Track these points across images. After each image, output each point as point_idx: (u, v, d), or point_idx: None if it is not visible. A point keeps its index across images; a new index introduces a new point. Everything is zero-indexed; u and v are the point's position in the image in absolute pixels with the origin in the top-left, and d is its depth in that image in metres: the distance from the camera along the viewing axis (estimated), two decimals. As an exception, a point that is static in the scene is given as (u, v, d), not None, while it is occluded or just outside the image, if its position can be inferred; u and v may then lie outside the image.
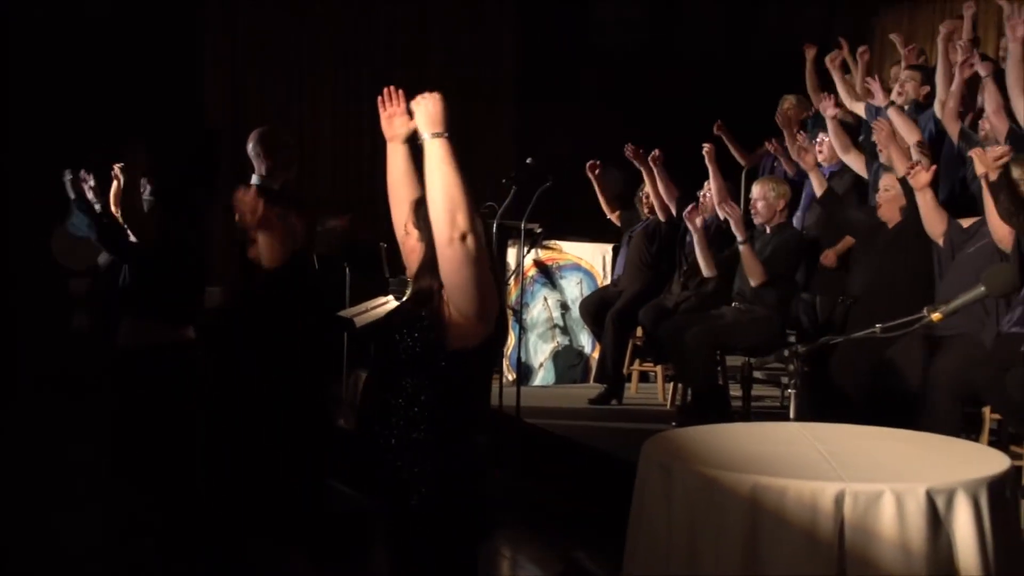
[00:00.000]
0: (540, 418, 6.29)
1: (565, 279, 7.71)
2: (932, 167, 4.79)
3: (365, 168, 10.12)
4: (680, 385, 6.46)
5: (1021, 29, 5.03)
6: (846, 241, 5.89)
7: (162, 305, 4.50)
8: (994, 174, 4.43)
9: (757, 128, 7.72)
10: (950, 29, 6.22)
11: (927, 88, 6.42)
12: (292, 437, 3.50)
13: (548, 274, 7.66)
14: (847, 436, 2.93)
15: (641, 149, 6.96)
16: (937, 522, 2.26)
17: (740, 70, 10.50)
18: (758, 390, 6.49)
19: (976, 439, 4.43)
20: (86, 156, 5.49)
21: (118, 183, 5.49)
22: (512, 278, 7.00)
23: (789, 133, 6.88)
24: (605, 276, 7.70)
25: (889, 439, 2.94)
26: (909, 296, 4.84)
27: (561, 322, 7.68)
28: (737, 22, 11.21)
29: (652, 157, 6.89)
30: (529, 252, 6.99)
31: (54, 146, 8.28)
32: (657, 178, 6.88)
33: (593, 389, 7.09)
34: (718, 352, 5.86)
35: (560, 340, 7.69)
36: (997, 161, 4.43)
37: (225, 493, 3.31)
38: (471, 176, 2.45)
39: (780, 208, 5.90)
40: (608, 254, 7.77)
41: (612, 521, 2.91)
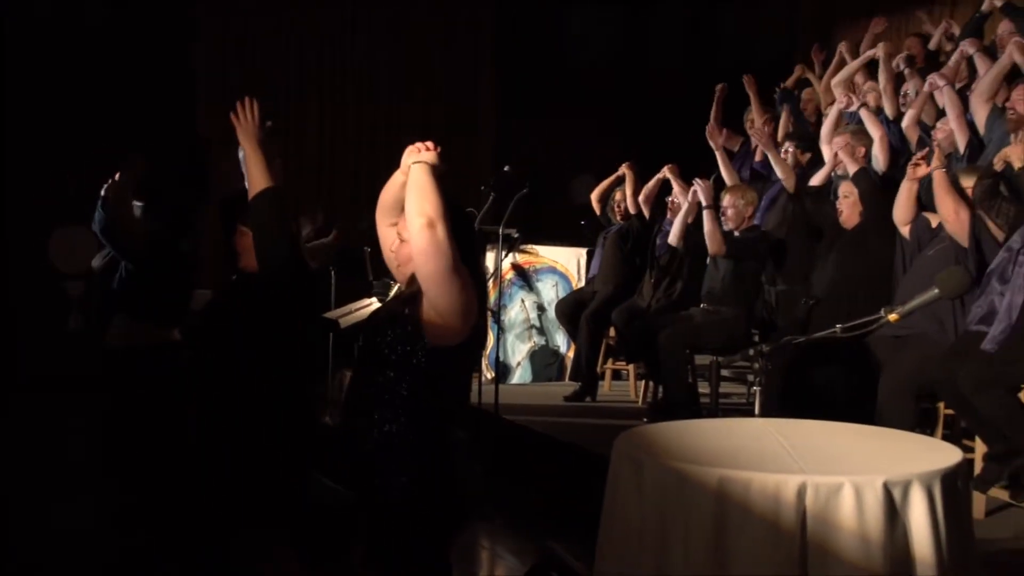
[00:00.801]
0: (517, 415, 6.29)
1: (541, 282, 7.72)
2: (932, 166, 4.79)
3: (349, 176, 10.11)
4: (651, 383, 6.49)
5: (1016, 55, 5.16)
6: None
7: (149, 307, 4.48)
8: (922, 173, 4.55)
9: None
10: (888, 51, 6.42)
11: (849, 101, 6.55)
12: (277, 433, 3.49)
13: (525, 277, 7.67)
14: (809, 431, 2.93)
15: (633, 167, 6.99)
16: (894, 512, 2.27)
17: (707, 80, 10.55)
18: (726, 387, 6.53)
19: (931, 433, 4.44)
20: (81, 162, 5.45)
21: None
22: (491, 281, 7.01)
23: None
24: (580, 279, 7.71)
25: (849, 434, 2.94)
26: (868, 297, 4.87)
27: (538, 323, 7.68)
28: (703, 35, 11.27)
29: (622, 171, 6.97)
30: (507, 256, 7.00)
31: (49, 153, 8.26)
32: (629, 182, 6.94)
33: (568, 387, 7.10)
34: (688, 351, 5.89)
35: (537, 340, 7.70)
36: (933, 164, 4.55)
37: (213, 487, 3.29)
38: (451, 184, 2.51)
39: (748, 215, 5.96)
40: (582, 257, 7.79)
41: (586, 513, 2.91)
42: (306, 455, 3.12)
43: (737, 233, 5.94)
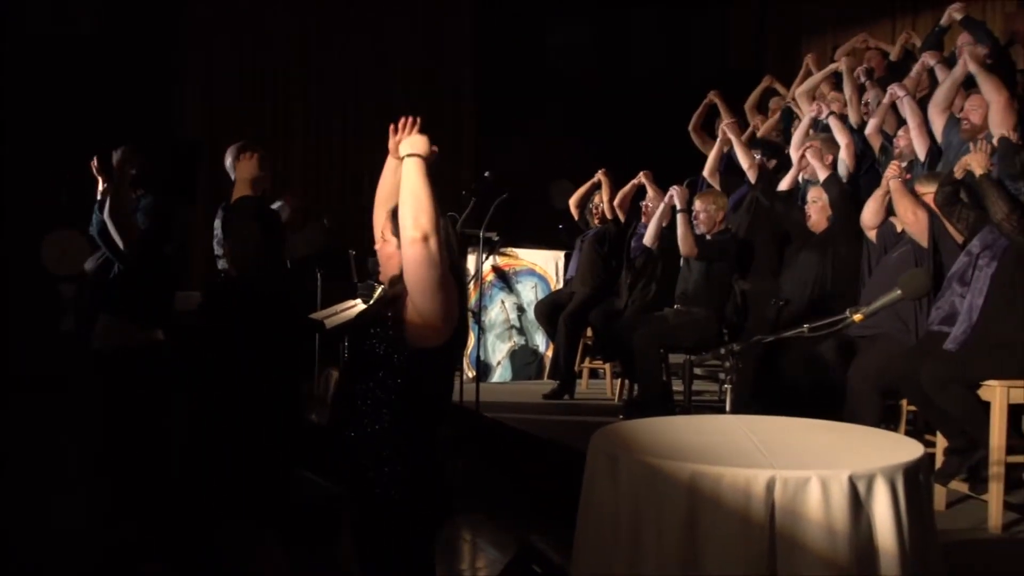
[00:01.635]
0: (498, 412, 6.29)
1: (521, 283, 7.73)
2: (890, 173, 4.80)
3: (334, 179, 10.08)
4: (627, 381, 6.49)
5: (982, 53, 5.19)
6: None
7: (134, 308, 4.46)
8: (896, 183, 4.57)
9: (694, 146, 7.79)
10: (850, 64, 6.50)
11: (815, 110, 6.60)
12: (265, 430, 3.48)
13: (505, 279, 7.67)
14: (778, 427, 2.94)
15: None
16: (858, 505, 2.28)
17: (681, 88, 10.59)
18: (698, 385, 6.55)
19: (894, 429, 4.46)
20: (73, 167, 5.39)
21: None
22: (472, 283, 7.00)
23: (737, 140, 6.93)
24: (558, 281, 7.72)
25: (816, 429, 2.95)
26: (834, 297, 4.91)
27: (517, 323, 7.69)
28: (677, 45, 11.31)
29: (598, 177, 6.99)
30: (487, 258, 7.00)
31: (42, 158, 8.19)
32: (605, 188, 6.96)
33: (547, 385, 7.11)
34: (662, 351, 5.90)
35: (516, 340, 7.70)
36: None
37: (201, 482, 3.28)
38: (437, 190, 2.49)
39: (719, 219, 5.98)
40: (560, 260, 7.80)
41: (564, 506, 2.91)
42: (293, 452, 3.12)
43: (709, 236, 5.97)
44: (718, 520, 2.26)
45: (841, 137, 5.76)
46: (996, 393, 3.92)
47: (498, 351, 7.65)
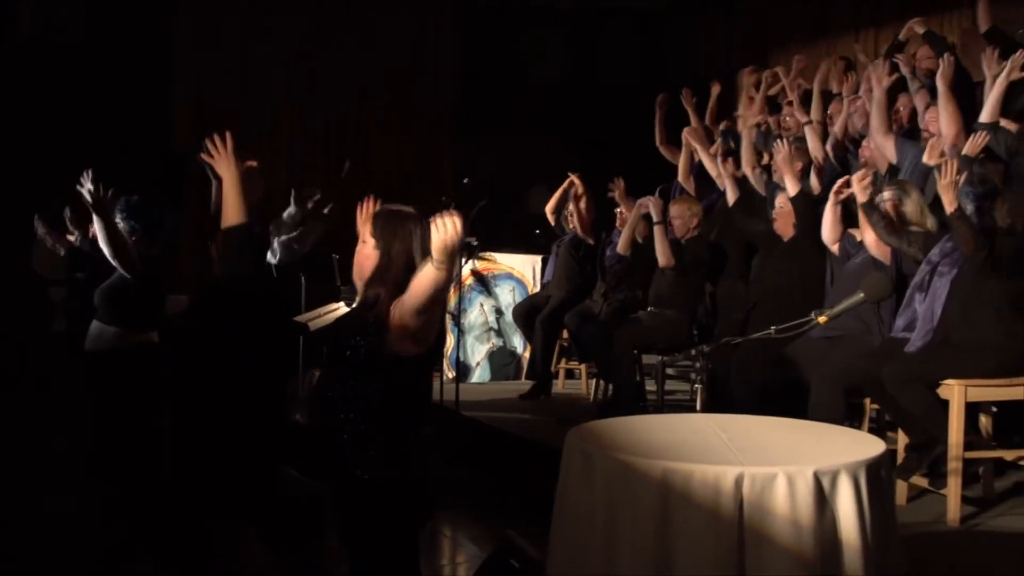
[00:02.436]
0: (477, 411, 6.29)
1: (499, 287, 7.73)
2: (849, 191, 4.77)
3: (319, 180, 10.05)
4: (602, 381, 6.50)
5: (886, 80, 5.15)
6: None
7: (126, 313, 4.43)
8: (863, 196, 4.52)
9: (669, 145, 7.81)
10: (821, 89, 6.37)
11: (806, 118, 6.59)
12: (249, 430, 3.46)
13: (484, 282, 7.66)
14: (746, 425, 2.95)
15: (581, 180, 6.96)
16: (823, 500, 2.29)
17: (652, 96, 10.62)
18: (671, 385, 6.57)
19: (858, 427, 4.49)
20: (64, 173, 5.35)
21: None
22: (451, 286, 6.99)
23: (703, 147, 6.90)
24: (535, 284, 7.73)
25: (782, 427, 2.96)
26: (801, 301, 4.91)
27: (496, 325, 7.69)
28: (648, 55, 11.35)
29: (570, 181, 6.96)
30: (467, 263, 6.99)
31: (34, 164, 8.13)
32: (581, 201, 6.93)
33: (524, 385, 7.10)
34: (636, 352, 5.91)
35: (495, 341, 7.70)
36: (862, 183, 4.56)
37: (188, 480, 3.27)
38: (417, 196, 2.50)
39: (693, 225, 5.99)
40: (537, 264, 7.80)
41: (540, 502, 2.91)
42: (277, 449, 3.10)
43: (683, 242, 5.99)
44: (689, 515, 2.27)
45: (817, 152, 5.68)
46: (954, 392, 3.96)
47: (477, 352, 7.65)
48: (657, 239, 5.83)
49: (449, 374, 6.88)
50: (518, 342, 7.70)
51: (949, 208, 4.02)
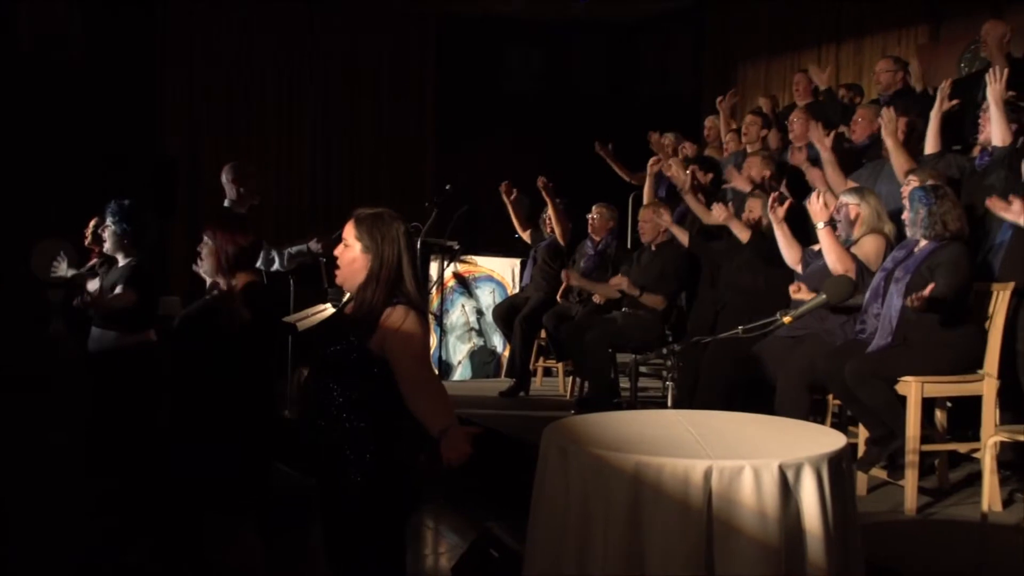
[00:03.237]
0: (458, 408, 6.20)
1: (480, 289, 7.72)
2: (788, 201, 4.78)
3: (305, 191, 10.03)
4: (578, 379, 6.50)
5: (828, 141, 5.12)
6: None
7: (120, 319, 4.41)
8: (821, 216, 4.49)
9: (640, 155, 7.84)
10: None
11: (766, 131, 6.63)
12: (242, 426, 3.45)
13: (465, 284, 7.66)
14: (715, 420, 2.95)
15: (550, 184, 6.91)
16: (787, 491, 2.30)
17: (623, 108, 10.67)
18: (644, 382, 6.56)
19: (821, 421, 4.50)
20: (62, 181, 5.33)
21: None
22: (434, 288, 6.99)
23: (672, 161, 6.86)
24: (514, 286, 7.72)
25: (749, 423, 2.97)
26: (767, 302, 4.92)
27: (477, 326, 7.68)
28: (619, 67, 11.39)
29: (541, 183, 6.90)
30: (449, 265, 6.99)
31: (33, 173, 8.08)
32: (551, 209, 6.91)
33: (504, 383, 7.09)
34: (610, 350, 5.92)
35: (476, 341, 7.70)
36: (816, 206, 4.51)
37: (184, 475, 3.25)
38: (401, 200, 2.50)
39: (663, 229, 5.99)
40: (517, 267, 7.79)
41: (519, 495, 2.91)
42: (269, 445, 3.10)
43: (654, 248, 6.00)
44: (660, 506, 2.27)
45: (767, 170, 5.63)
46: (911, 388, 3.99)
47: (459, 351, 7.64)
48: (694, 207, 5.74)
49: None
50: (498, 341, 7.69)
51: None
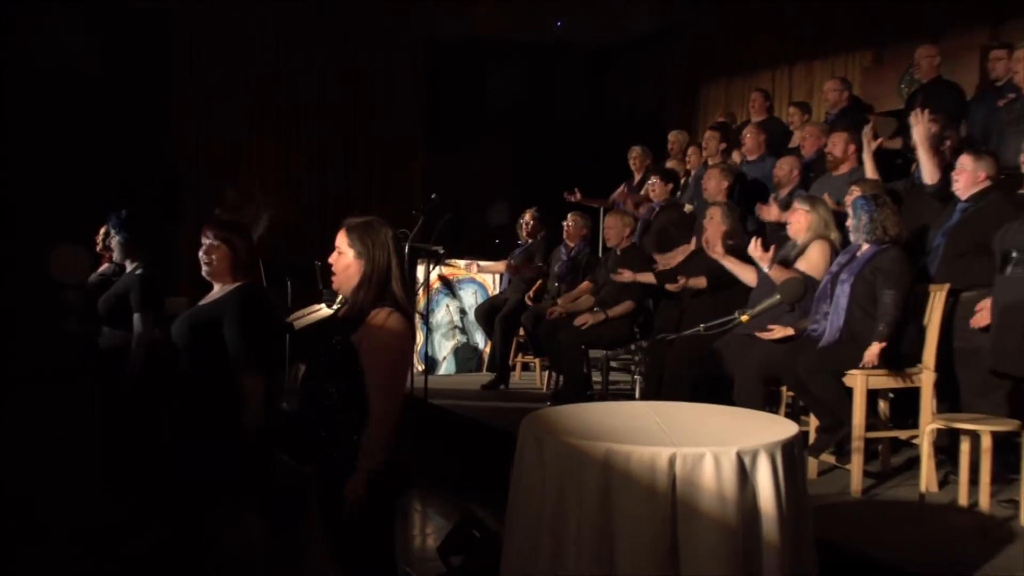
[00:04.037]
0: (443, 400, 6.27)
1: (463, 290, 7.72)
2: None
3: (303, 195, 9.99)
4: (554, 373, 6.52)
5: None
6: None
7: (129, 319, 4.37)
8: (766, 263, 4.57)
9: (611, 171, 7.87)
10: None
11: (724, 144, 6.68)
12: (247, 419, 3.43)
13: (449, 286, 7.65)
14: (679, 411, 2.96)
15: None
16: (745, 476, 2.31)
17: (599, 125, 10.70)
18: (614, 376, 6.58)
19: (775, 411, 4.54)
20: (79, 187, 5.27)
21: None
22: (420, 289, 6.98)
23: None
24: (495, 288, 7.73)
25: (710, 413, 2.97)
26: (727, 302, 4.95)
27: (460, 324, 7.67)
28: (595, 87, 11.42)
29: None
30: (434, 269, 6.98)
31: (51, 179, 8.01)
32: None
33: (485, 377, 7.10)
34: (584, 347, 5.93)
35: (459, 338, 7.69)
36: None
37: (184, 475, 3.22)
38: (390, 209, 2.50)
39: (627, 234, 6.03)
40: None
41: (498, 481, 2.91)
42: (269, 436, 3.08)
43: (619, 252, 6.02)
44: (628, 490, 2.28)
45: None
46: (857, 381, 4.03)
47: (443, 348, 7.64)
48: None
49: (419, 367, 6.85)
50: (480, 339, 7.69)
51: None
